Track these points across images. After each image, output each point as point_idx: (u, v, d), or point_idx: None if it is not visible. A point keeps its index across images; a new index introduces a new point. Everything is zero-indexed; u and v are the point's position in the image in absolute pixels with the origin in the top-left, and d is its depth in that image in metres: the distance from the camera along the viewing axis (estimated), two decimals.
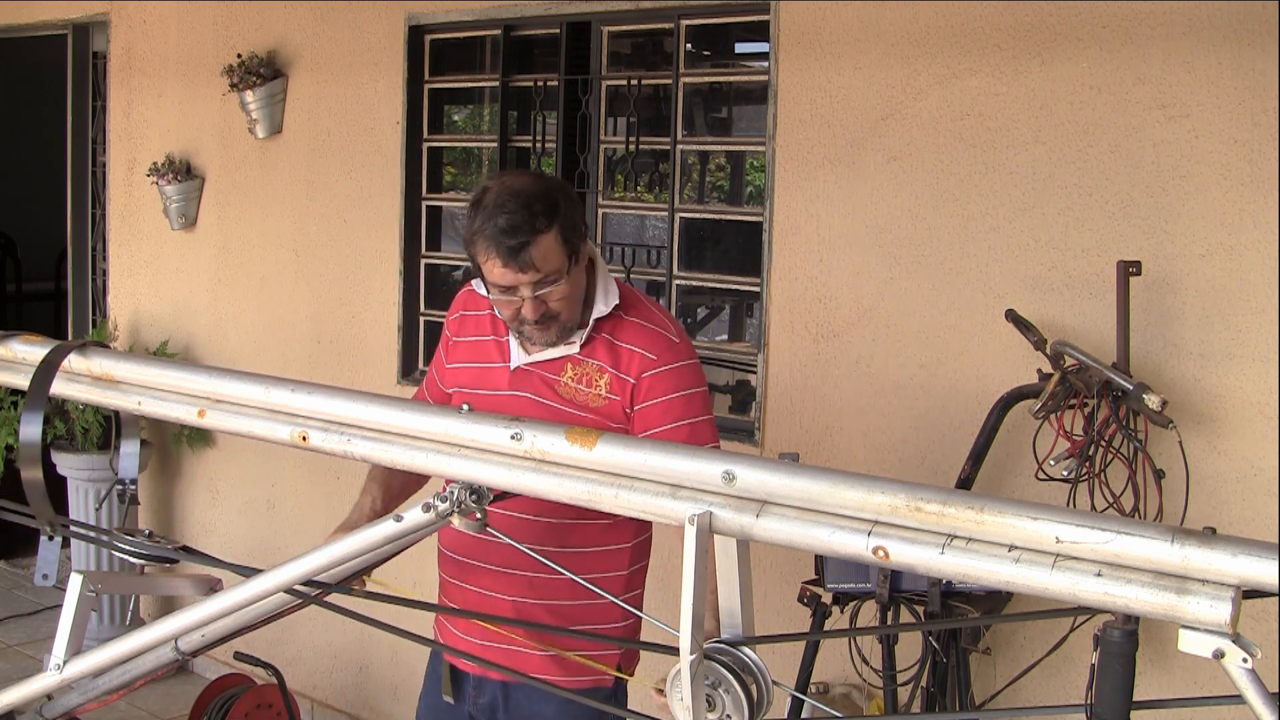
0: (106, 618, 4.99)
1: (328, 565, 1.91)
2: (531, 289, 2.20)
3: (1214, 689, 1.64)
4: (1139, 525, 1.22)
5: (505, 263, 2.17)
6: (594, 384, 2.29)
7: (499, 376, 2.36)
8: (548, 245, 2.18)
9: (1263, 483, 2.72)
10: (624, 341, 2.30)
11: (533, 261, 2.17)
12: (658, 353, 2.30)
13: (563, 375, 2.31)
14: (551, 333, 2.27)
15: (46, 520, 2.15)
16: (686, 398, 2.30)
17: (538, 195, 2.20)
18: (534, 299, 2.21)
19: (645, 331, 2.32)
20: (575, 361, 2.31)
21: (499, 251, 2.17)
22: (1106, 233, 2.89)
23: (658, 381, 2.28)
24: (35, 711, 2.42)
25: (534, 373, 2.33)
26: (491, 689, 2.45)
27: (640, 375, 2.28)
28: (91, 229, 5.80)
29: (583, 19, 3.97)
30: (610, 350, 2.30)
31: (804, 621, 2.95)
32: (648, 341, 2.30)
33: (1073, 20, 2.93)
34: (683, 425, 2.28)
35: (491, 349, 2.39)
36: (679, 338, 2.36)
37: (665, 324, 2.37)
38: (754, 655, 1.53)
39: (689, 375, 2.33)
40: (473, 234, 2.21)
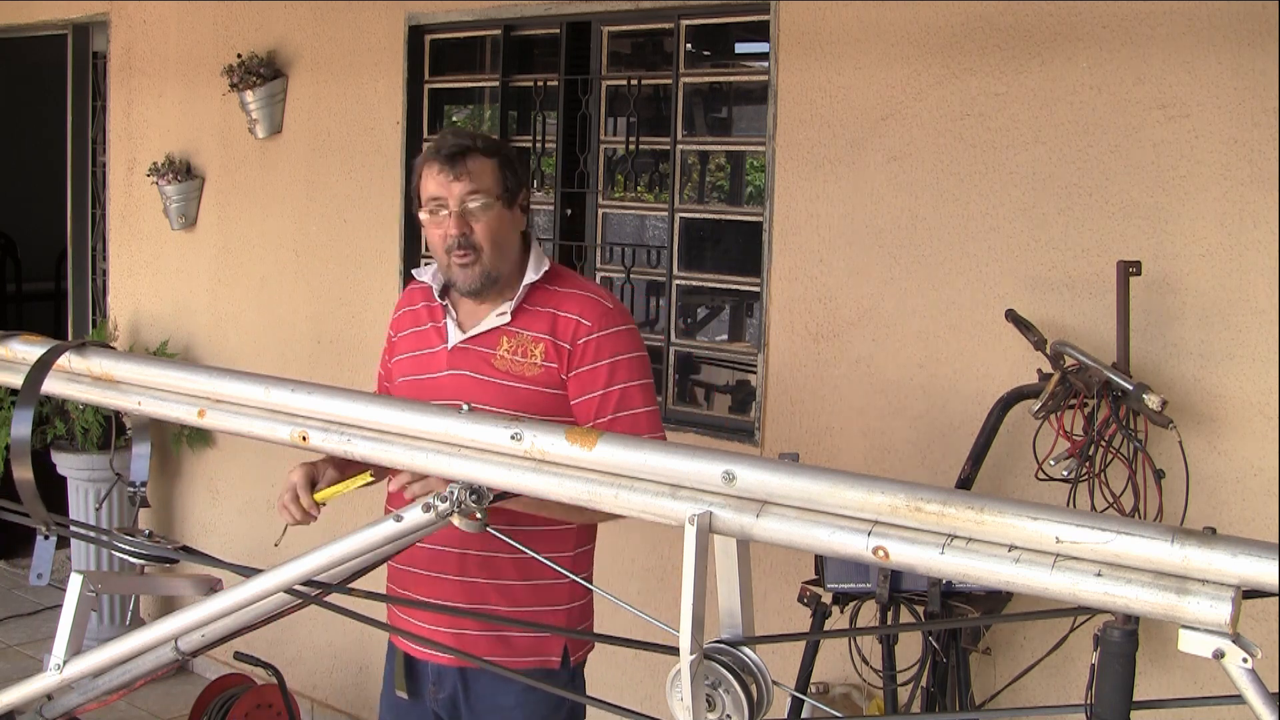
0: (106, 618, 4.99)
1: (328, 565, 1.91)
2: (459, 201, 2.29)
3: (1214, 689, 1.64)
4: (1139, 525, 1.22)
5: (440, 168, 2.30)
6: (529, 354, 2.35)
7: (439, 359, 2.43)
8: (483, 164, 2.32)
9: (1263, 483, 2.71)
10: (557, 309, 2.37)
11: (467, 169, 2.30)
12: (593, 319, 2.35)
13: (498, 349, 2.37)
14: (475, 272, 2.33)
15: (41, 519, 2.15)
16: (622, 363, 2.35)
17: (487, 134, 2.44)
18: (459, 214, 2.30)
19: (579, 299, 2.38)
20: (510, 334, 2.37)
21: (437, 159, 2.31)
22: (1106, 233, 2.89)
23: (591, 346, 2.34)
24: (35, 711, 2.41)
25: (471, 349, 2.39)
26: (451, 681, 2.46)
27: (575, 341, 2.34)
28: (91, 229, 5.80)
29: (583, 19, 3.96)
30: (546, 319, 2.36)
31: (804, 621, 2.95)
32: (582, 308, 2.36)
33: (1073, 20, 2.93)
34: (614, 390, 2.32)
35: (431, 335, 2.46)
36: (614, 304, 2.42)
37: (600, 292, 2.45)
38: (754, 655, 1.53)
39: (625, 340, 2.37)
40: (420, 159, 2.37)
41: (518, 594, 2.38)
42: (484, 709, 2.44)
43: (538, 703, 2.42)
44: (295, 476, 2.27)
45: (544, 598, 2.40)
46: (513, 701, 2.42)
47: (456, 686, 2.45)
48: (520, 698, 2.41)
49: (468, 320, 2.44)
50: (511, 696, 2.42)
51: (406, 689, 2.51)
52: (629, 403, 2.33)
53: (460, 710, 2.46)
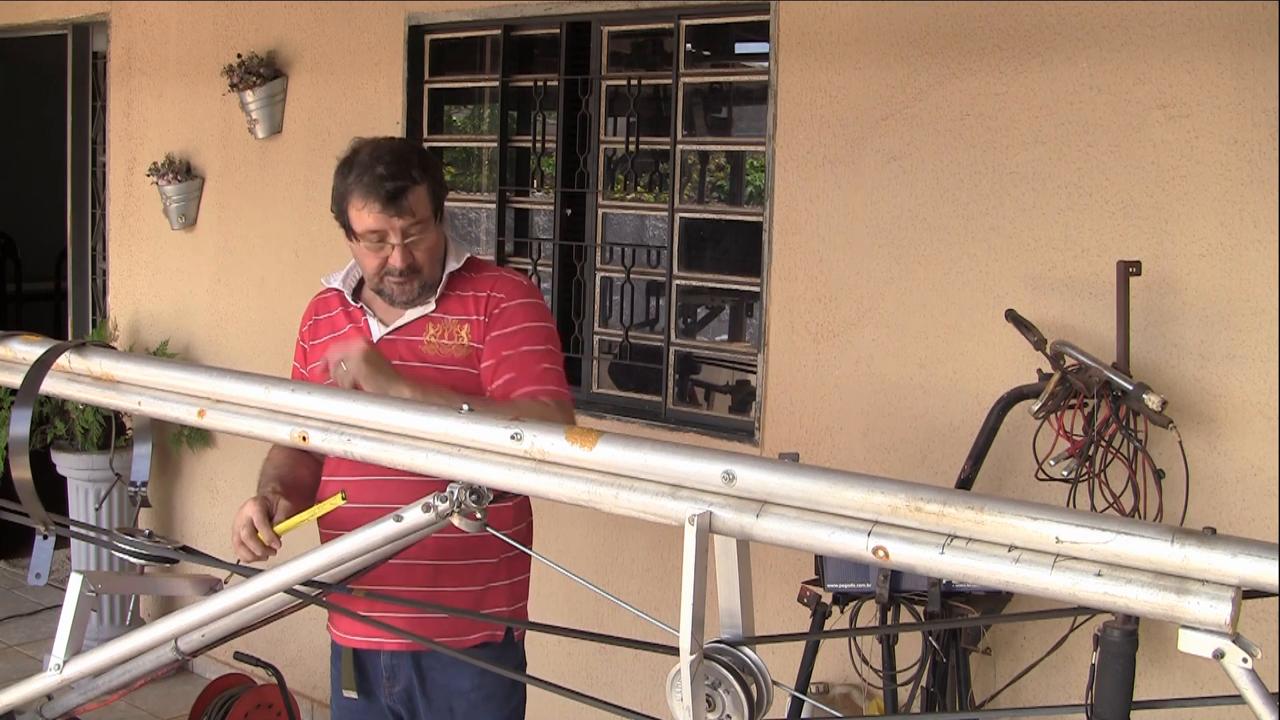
0: (106, 618, 4.99)
1: (328, 565, 1.91)
2: (402, 235, 2.35)
3: (1214, 689, 1.64)
4: (1139, 525, 1.22)
5: (383, 207, 2.33)
6: (455, 336, 2.42)
7: None
8: (420, 195, 2.37)
9: (1263, 483, 2.71)
10: (475, 290, 2.47)
11: (409, 207, 2.35)
12: (504, 290, 2.46)
13: (425, 335, 2.43)
14: (413, 287, 2.40)
15: (40, 519, 2.15)
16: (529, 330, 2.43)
17: (410, 151, 2.44)
18: (403, 246, 2.36)
19: (493, 277, 2.50)
20: (434, 320, 2.45)
21: (377, 196, 2.33)
22: (1106, 233, 2.89)
23: (505, 314, 2.43)
24: (35, 711, 2.42)
25: (397, 340, 2.45)
26: (405, 673, 2.48)
27: (489, 311, 2.43)
28: (91, 229, 5.80)
29: (583, 19, 3.96)
30: (462, 302, 2.46)
31: (804, 621, 2.95)
32: (494, 284, 2.48)
33: (1073, 20, 2.93)
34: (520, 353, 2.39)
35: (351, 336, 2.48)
36: (528, 282, 2.54)
37: (515, 273, 2.59)
38: (754, 655, 1.53)
39: (535, 311, 2.47)
40: (348, 187, 2.37)
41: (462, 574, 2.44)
42: (442, 695, 2.48)
43: (494, 683, 2.47)
44: (249, 511, 2.27)
45: (487, 575, 2.47)
46: (470, 684, 2.47)
47: (412, 677, 2.48)
48: (477, 679, 2.46)
49: (389, 315, 2.49)
50: (469, 679, 2.46)
51: (357, 688, 2.52)
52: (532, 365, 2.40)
53: (417, 700, 2.49)
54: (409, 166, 2.37)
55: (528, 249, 4.27)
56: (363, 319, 2.51)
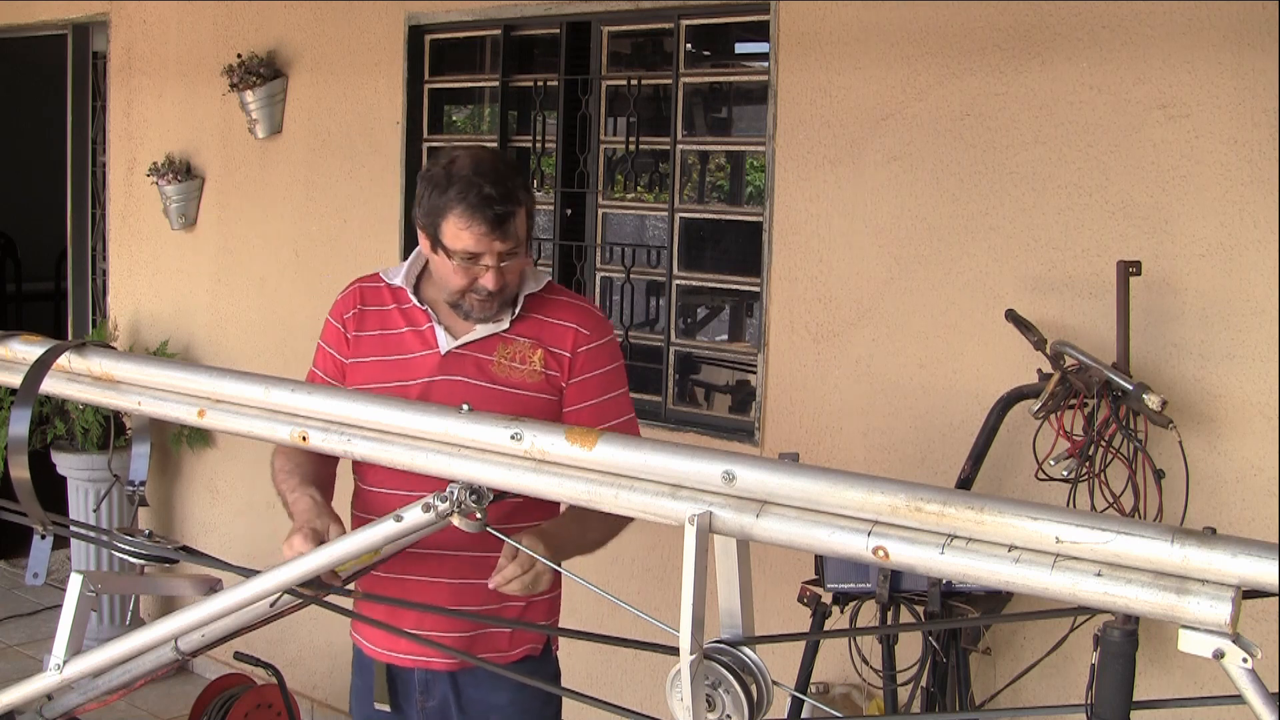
0: (106, 618, 4.99)
1: (328, 565, 1.91)
2: (498, 258, 2.24)
3: (1214, 689, 1.64)
4: (1139, 525, 1.22)
5: (488, 230, 2.20)
6: (528, 360, 2.34)
7: (423, 364, 2.34)
8: (522, 218, 2.26)
9: (1263, 483, 2.71)
10: (554, 318, 2.37)
11: (513, 231, 2.23)
12: (590, 328, 2.38)
13: (495, 355, 2.33)
14: (494, 307, 2.31)
15: (38, 519, 2.15)
16: (613, 371, 2.40)
17: (512, 170, 2.30)
18: (498, 269, 2.24)
19: (575, 308, 2.40)
20: (505, 340, 2.34)
21: (484, 219, 2.20)
22: (1106, 233, 2.89)
23: (592, 356, 2.36)
24: (35, 711, 2.42)
25: (466, 355, 2.33)
26: (441, 688, 2.41)
27: (575, 350, 2.35)
28: (91, 229, 5.80)
29: (583, 19, 3.97)
30: (540, 326, 2.36)
31: (804, 621, 2.95)
32: (579, 317, 2.38)
33: (1073, 20, 2.93)
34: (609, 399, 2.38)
35: (409, 340, 2.37)
36: (602, 314, 2.47)
37: (592, 304, 2.48)
38: (754, 655, 1.53)
39: (613, 351, 2.43)
40: (447, 202, 2.21)
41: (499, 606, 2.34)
42: (478, 711, 2.42)
43: (531, 697, 2.41)
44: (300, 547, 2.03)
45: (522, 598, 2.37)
46: (507, 699, 2.41)
47: (447, 692, 2.41)
48: (514, 694, 2.40)
49: (456, 325, 2.37)
50: (506, 694, 2.40)
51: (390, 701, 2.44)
52: (621, 411, 2.40)
53: (451, 715, 2.42)
54: (515, 188, 2.24)
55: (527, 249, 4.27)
56: (426, 324, 2.36)
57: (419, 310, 2.38)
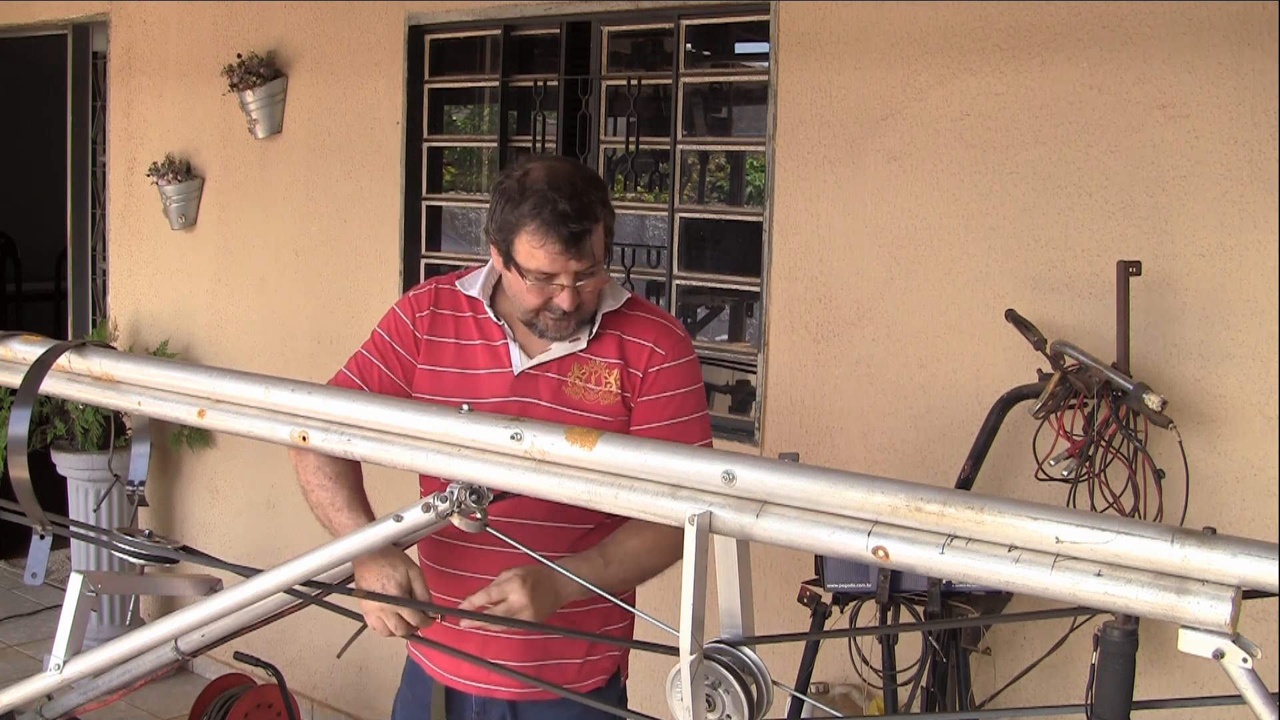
0: (106, 618, 4.98)
1: (328, 565, 1.92)
2: (574, 278, 2.11)
3: (1214, 689, 1.64)
4: (1139, 525, 1.22)
5: (564, 249, 2.06)
6: (603, 381, 2.22)
7: (496, 383, 2.24)
8: (599, 235, 2.12)
9: (1263, 483, 2.72)
10: (632, 336, 2.25)
11: (591, 250, 2.10)
12: (666, 348, 2.25)
13: (569, 375, 2.22)
14: (570, 326, 2.18)
15: (37, 519, 2.15)
16: (683, 396, 2.26)
17: (590, 183, 2.14)
18: (573, 289, 2.11)
19: (653, 325, 2.27)
20: (581, 360, 2.23)
21: (559, 237, 2.06)
22: (1106, 233, 2.89)
23: (661, 377, 2.24)
24: (35, 711, 2.42)
25: (540, 376, 2.22)
26: (498, 711, 2.33)
27: (647, 369, 2.23)
28: (91, 229, 5.80)
29: (583, 19, 3.96)
30: (618, 345, 2.24)
31: (804, 621, 2.95)
32: (656, 335, 2.26)
33: (1073, 20, 2.93)
34: (678, 422, 2.24)
35: (482, 355, 2.26)
36: (684, 334, 2.33)
37: (671, 319, 2.34)
38: (754, 655, 1.53)
39: (690, 372, 2.29)
40: (520, 218, 2.08)
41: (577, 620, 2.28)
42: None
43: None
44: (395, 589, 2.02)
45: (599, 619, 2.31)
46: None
47: (506, 714, 2.33)
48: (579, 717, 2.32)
49: (530, 342, 2.25)
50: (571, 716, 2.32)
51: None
52: (689, 436, 2.25)
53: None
54: (592, 204, 2.10)
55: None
56: (501, 340, 2.24)
57: (494, 324, 2.26)
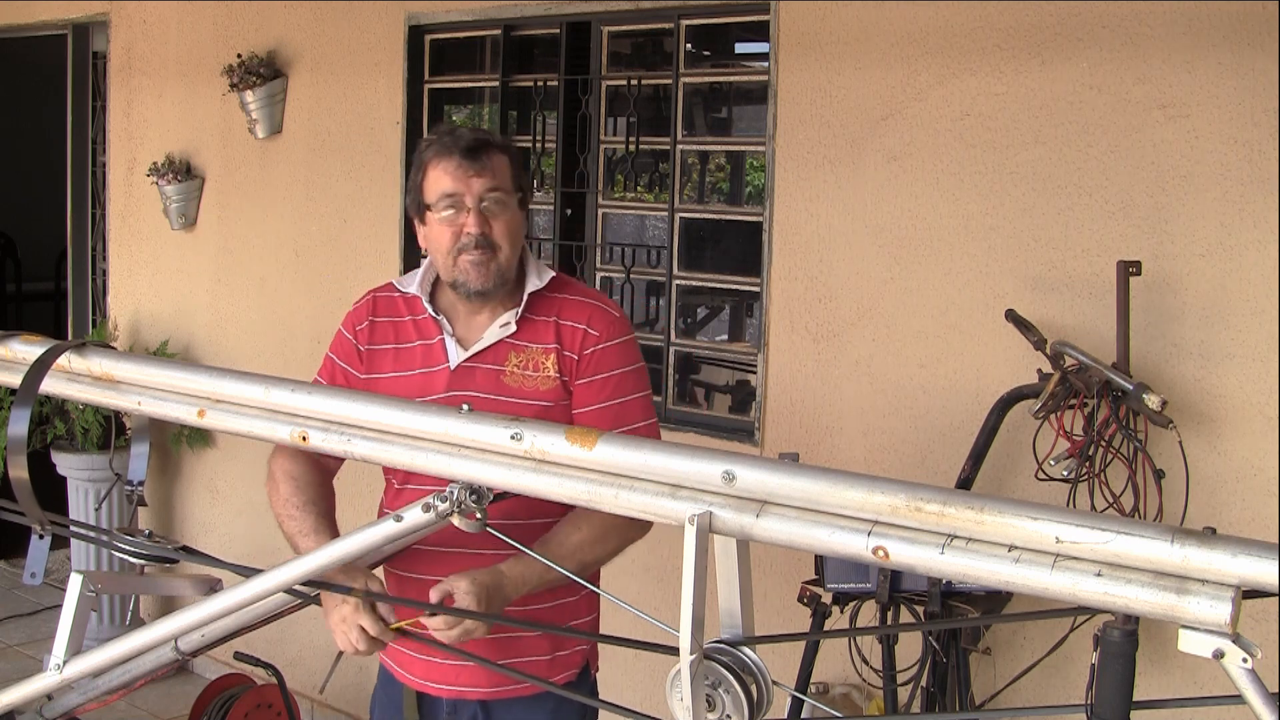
0: (106, 618, 4.98)
1: (328, 565, 1.91)
2: (479, 199, 2.20)
3: (1214, 689, 1.64)
4: (1139, 525, 1.22)
5: (461, 160, 2.19)
6: (540, 367, 2.25)
7: (434, 380, 2.27)
8: (501, 162, 2.24)
9: (1263, 483, 2.71)
10: (567, 319, 2.28)
11: (490, 166, 2.21)
12: (600, 328, 2.28)
13: (507, 365, 2.26)
14: (489, 271, 2.22)
15: (37, 519, 2.14)
16: (622, 376, 2.28)
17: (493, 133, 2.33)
18: (479, 211, 2.20)
19: (586, 307, 2.30)
20: (516, 348, 2.26)
21: (457, 152, 2.20)
22: (1106, 233, 2.89)
23: (597, 357, 2.26)
24: (35, 711, 2.42)
25: (477, 368, 2.26)
26: (470, 710, 2.34)
27: (582, 351, 2.26)
28: (91, 229, 5.80)
29: (583, 19, 3.96)
30: (554, 330, 2.27)
31: (804, 621, 2.95)
32: (589, 316, 2.28)
33: (1073, 20, 2.93)
34: (615, 404, 2.26)
35: (418, 354, 2.31)
36: (619, 314, 2.35)
37: (605, 300, 2.38)
38: (754, 655, 1.53)
39: (629, 352, 2.32)
40: (424, 155, 2.24)
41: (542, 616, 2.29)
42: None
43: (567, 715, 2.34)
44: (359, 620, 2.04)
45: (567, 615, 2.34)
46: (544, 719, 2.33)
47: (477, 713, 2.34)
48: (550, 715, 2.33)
49: (468, 335, 2.30)
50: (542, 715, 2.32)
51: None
52: (630, 417, 2.27)
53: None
54: (490, 136, 2.27)
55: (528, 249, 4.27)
56: (437, 336, 2.30)
57: (431, 321, 2.31)
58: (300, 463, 2.29)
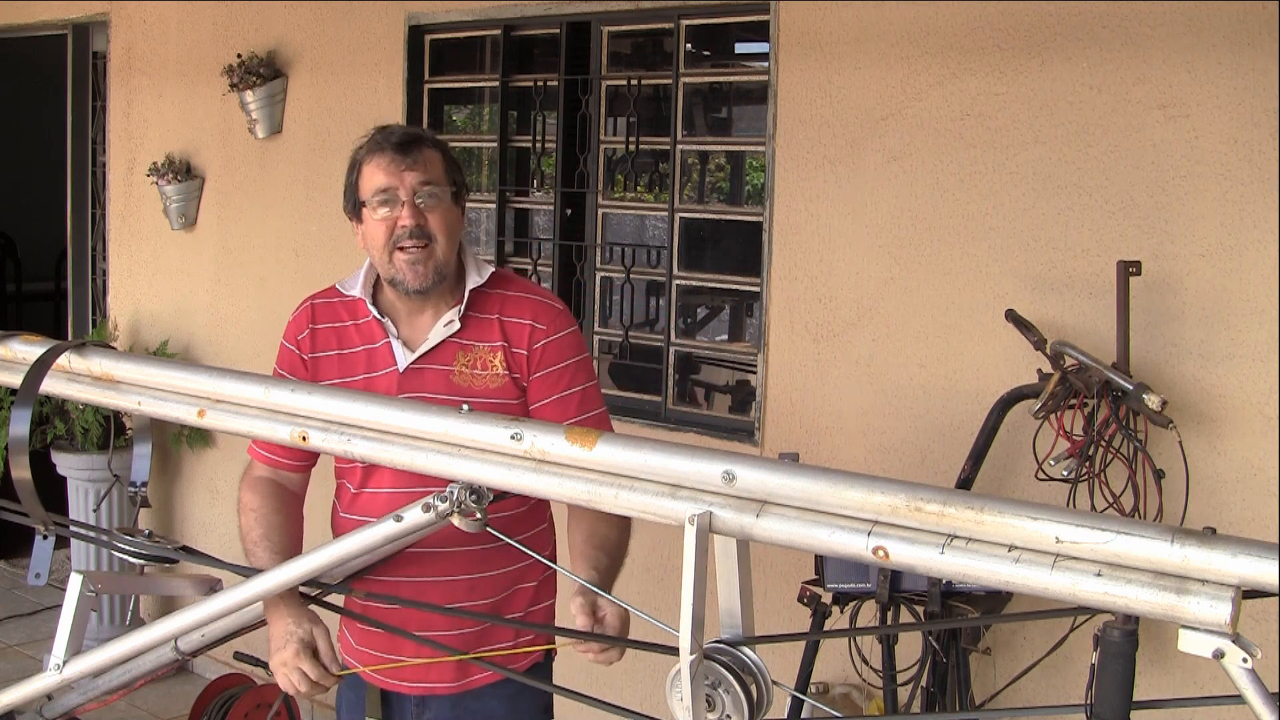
0: (106, 618, 4.99)
1: (328, 565, 1.91)
2: (412, 193, 2.21)
3: (1214, 689, 1.64)
4: (1139, 525, 1.22)
5: (393, 156, 2.21)
6: (489, 365, 2.26)
7: (383, 384, 2.27)
8: (433, 158, 2.25)
9: (1263, 483, 2.72)
10: (511, 316, 2.29)
11: (422, 161, 2.22)
12: (546, 321, 2.29)
13: (455, 364, 2.26)
14: (428, 268, 2.22)
15: (39, 519, 2.14)
16: (577, 364, 2.30)
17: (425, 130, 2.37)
18: (413, 204, 2.21)
19: (530, 303, 2.31)
20: (463, 347, 2.27)
21: (389, 148, 2.22)
22: (1106, 233, 2.89)
23: (548, 351, 2.27)
24: (35, 711, 2.42)
25: (425, 369, 2.26)
26: (438, 704, 2.36)
27: (532, 346, 2.27)
28: (91, 229, 5.80)
29: (583, 19, 3.96)
30: (499, 327, 2.28)
31: (804, 621, 2.95)
32: (534, 312, 2.29)
33: (1073, 20, 2.93)
34: (575, 392, 2.29)
35: (365, 357, 2.31)
36: (561, 306, 2.36)
37: (545, 294, 2.39)
38: (754, 655, 1.53)
39: (577, 342, 2.33)
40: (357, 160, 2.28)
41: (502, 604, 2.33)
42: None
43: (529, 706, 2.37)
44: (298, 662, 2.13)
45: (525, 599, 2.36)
46: (505, 709, 2.36)
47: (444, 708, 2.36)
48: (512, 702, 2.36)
49: (413, 336, 2.29)
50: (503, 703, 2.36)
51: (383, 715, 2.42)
52: (588, 405, 2.30)
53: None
54: (421, 133, 2.30)
55: (528, 249, 4.27)
56: (382, 339, 2.29)
57: (375, 324, 2.31)
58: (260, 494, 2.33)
